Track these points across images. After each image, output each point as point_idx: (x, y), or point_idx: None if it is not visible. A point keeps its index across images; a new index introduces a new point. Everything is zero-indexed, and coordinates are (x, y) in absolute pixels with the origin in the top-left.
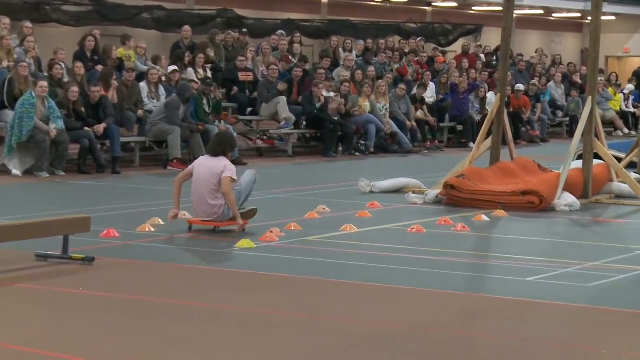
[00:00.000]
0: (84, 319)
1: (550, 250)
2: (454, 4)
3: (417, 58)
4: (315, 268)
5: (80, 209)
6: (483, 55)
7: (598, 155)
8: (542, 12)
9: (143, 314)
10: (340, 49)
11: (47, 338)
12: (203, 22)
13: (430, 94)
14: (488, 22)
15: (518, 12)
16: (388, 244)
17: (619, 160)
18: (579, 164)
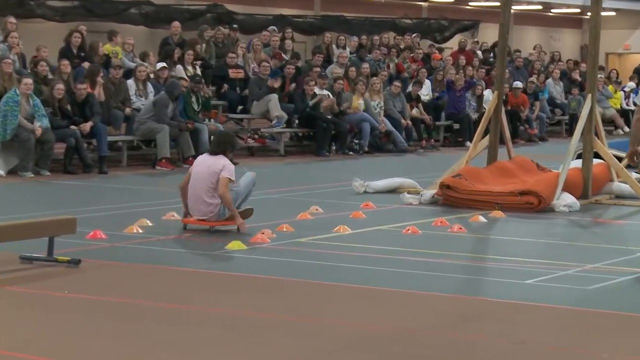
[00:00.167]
0: (70, 322)
1: (549, 252)
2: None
3: (412, 55)
4: (307, 270)
5: (66, 210)
6: (480, 52)
7: (598, 155)
8: (540, 7)
9: (129, 317)
10: (334, 46)
11: (31, 342)
12: (192, 17)
13: (426, 92)
14: (485, 17)
15: (516, 7)
16: (383, 246)
17: (620, 160)
18: (579, 164)
